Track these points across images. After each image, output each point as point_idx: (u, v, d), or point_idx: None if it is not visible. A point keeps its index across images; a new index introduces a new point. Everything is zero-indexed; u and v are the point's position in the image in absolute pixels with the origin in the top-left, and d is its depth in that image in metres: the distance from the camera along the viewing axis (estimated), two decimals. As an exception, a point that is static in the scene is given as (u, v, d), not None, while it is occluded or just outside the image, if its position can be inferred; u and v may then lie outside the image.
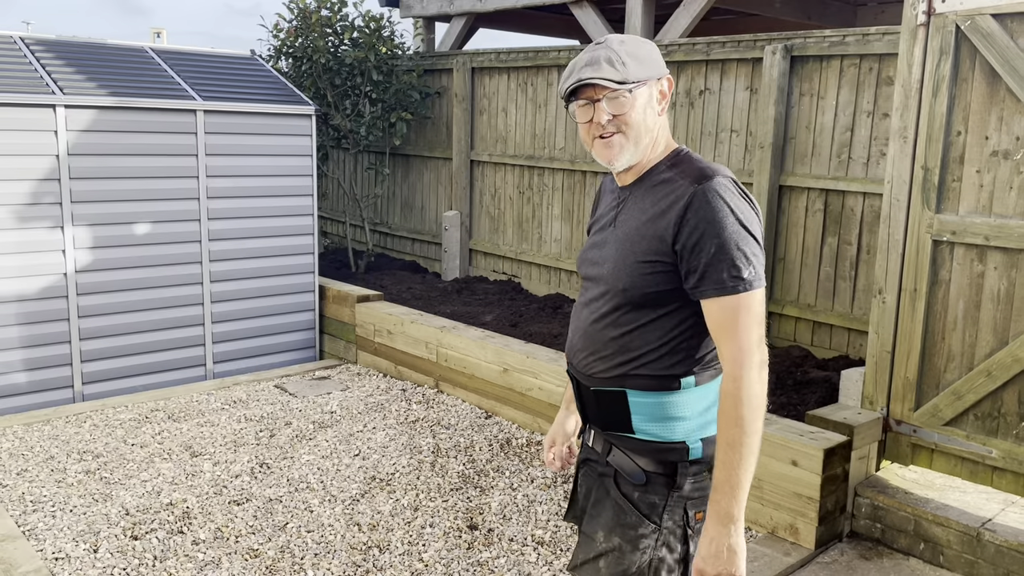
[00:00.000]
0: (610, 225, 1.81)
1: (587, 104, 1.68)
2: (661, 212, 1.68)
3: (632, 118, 1.67)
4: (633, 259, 1.71)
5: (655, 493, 1.75)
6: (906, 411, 3.69)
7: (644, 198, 1.74)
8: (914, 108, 3.56)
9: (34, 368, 4.84)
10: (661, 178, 1.73)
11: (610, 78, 1.64)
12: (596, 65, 1.65)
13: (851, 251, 4.80)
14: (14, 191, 4.65)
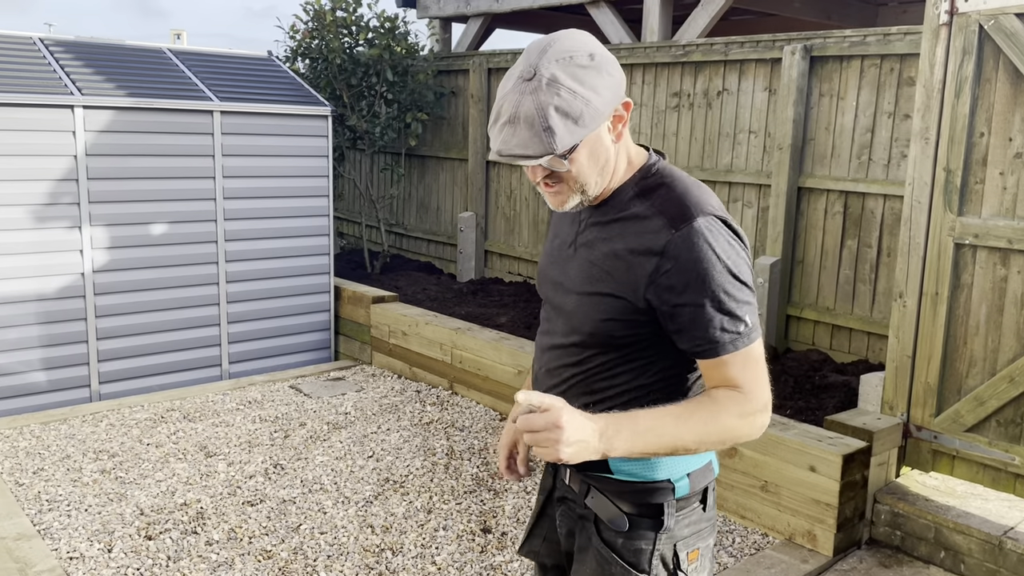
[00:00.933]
0: (570, 245, 1.60)
1: None
2: (632, 251, 1.44)
3: (572, 175, 1.42)
4: (602, 301, 1.48)
5: (640, 539, 1.54)
6: (927, 417, 3.64)
7: (609, 229, 1.51)
8: (936, 109, 3.51)
9: (51, 367, 4.87)
10: (631, 211, 1.48)
11: (532, 155, 1.36)
12: (517, 131, 1.35)
13: (871, 254, 4.74)
14: (33, 191, 4.68)
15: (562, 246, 1.63)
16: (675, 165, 5.62)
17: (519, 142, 1.35)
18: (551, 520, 1.78)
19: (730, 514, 3.66)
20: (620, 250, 1.46)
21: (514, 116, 1.35)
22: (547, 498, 1.79)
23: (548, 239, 1.74)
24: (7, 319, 4.69)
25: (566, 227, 1.64)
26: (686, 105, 5.60)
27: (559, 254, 1.63)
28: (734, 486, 3.63)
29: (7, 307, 4.68)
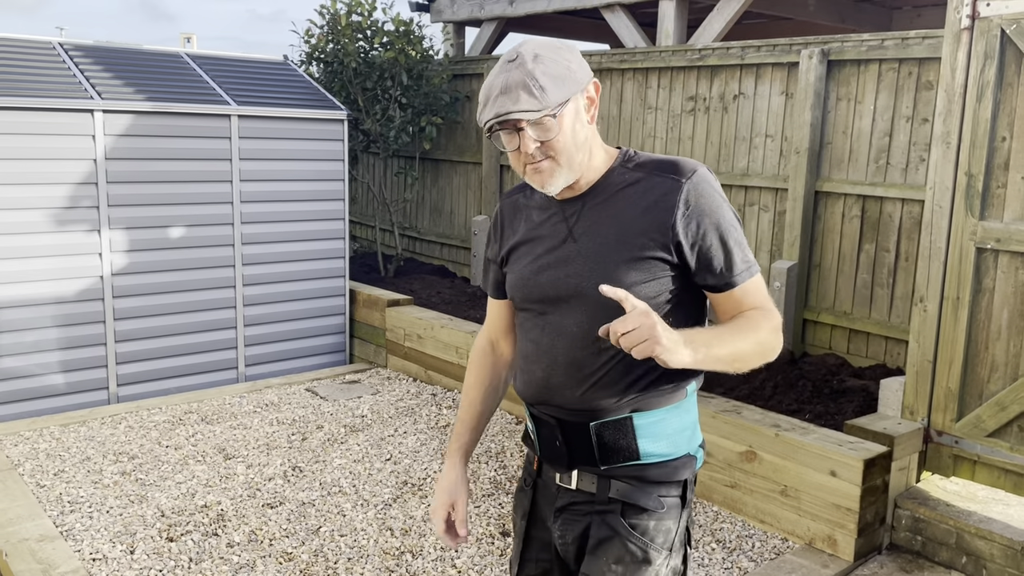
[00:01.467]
0: (564, 241, 1.64)
1: (511, 132, 1.54)
2: (646, 209, 1.57)
3: (560, 142, 1.54)
4: (627, 265, 1.56)
5: (669, 518, 1.64)
6: (948, 422, 3.62)
7: (611, 204, 1.61)
8: (957, 113, 3.50)
9: (70, 370, 4.90)
10: (627, 179, 1.61)
11: (529, 109, 1.50)
12: (511, 94, 1.50)
13: (889, 258, 4.73)
14: (53, 195, 4.71)
15: (551, 248, 1.65)
16: (691, 169, 5.63)
17: (514, 102, 1.50)
18: (539, 541, 1.78)
19: (749, 519, 3.65)
20: (636, 213, 1.58)
21: (506, 87, 1.51)
22: (529, 521, 1.79)
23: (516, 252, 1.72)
24: (26, 322, 4.72)
25: (546, 229, 1.67)
26: (702, 109, 5.60)
27: (549, 256, 1.65)
28: (754, 491, 3.62)
29: (27, 310, 4.72)
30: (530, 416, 1.75)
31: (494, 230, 1.82)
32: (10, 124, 4.55)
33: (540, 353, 1.67)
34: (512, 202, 1.80)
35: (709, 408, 3.80)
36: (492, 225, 1.84)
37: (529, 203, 1.75)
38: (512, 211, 1.78)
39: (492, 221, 1.85)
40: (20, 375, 4.75)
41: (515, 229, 1.75)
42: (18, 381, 4.75)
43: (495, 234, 1.82)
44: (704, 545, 3.47)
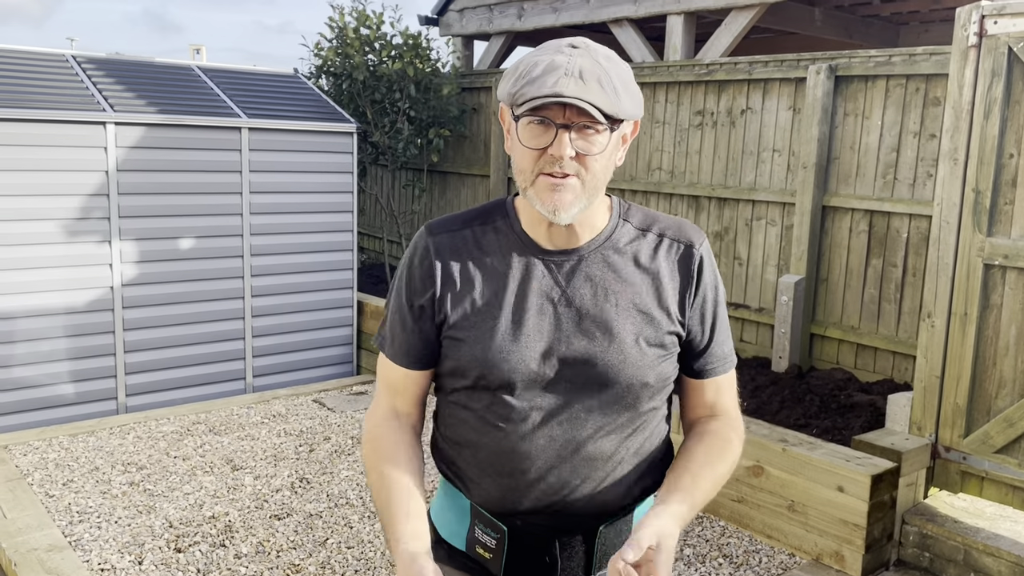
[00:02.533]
0: (555, 304, 1.34)
1: (547, 125, 1.24)
2: (660, 276, 1.37)
3: (599, 164, 1.27)
4: (644, 341, 1.34)
5: None
6: (955, 438, 3.62)
7: (620, 263, 1.37)
8: (965, 130, 3.51)
9: (80, 380, 4.93)
10: (632, 235, 1.39)
11: (601, 107, 1.22)
12: (584, 82, 1.21)
13: (896, 273, 4.73)
14: (64, 206, 4.75)
15: (536, 311, 1.34)
16: (698, 183, 5.66)
17: (584, 89, 1.21)
18: None
19: (756, 534, 3.65)
20: (649, 279, 1.37)
21: (573, 69, 1.22)
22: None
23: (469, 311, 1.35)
24: (37, 331, 4.75)
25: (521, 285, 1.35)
26: (709, 123, 5.62)
27: (535, 322, 1.33)
28: (760, 506, 3.62)
29: (37, 320, 4.75)
30: (487, 529, 1.39)
31: (419, 273, 1.37)
32: (23, 136, 4.59)
33: (530, 448, 1.33)
34: (451, 239, 1.38)
35: (716, 422, 3.80)
36: (414, 265, 1.39)
37: (481, 244, 1.38)
38: (452, 251, 1.37)
39: (414, 260, 1.39)
40: (30, 385, 4.77)
41: (462, 277, 1.36)
42: (28, 391, 4.77)
43: (423, 279, 1.37)
44: (711, 560, 3.47)
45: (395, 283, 1.44)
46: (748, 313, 5.42)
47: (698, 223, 5.73)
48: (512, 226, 1.39)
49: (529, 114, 1.24)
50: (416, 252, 1.40)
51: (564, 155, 1.24)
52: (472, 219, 1.41)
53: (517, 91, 1.24)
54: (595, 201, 1.32)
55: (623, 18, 6.42)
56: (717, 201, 5.60)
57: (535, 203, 1.29)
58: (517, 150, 1.29)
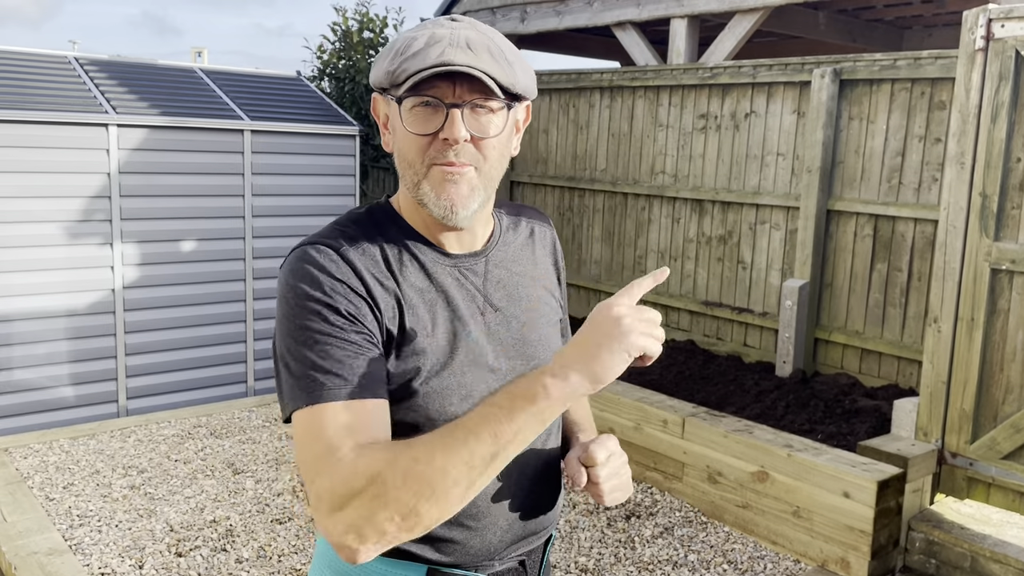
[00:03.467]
0: (483, 314, 1.21)
1: (435, 107, 1.08)
2: (541, 261, 1.34)
3: (496, 149, 1.13)
4: (554, 333, 1.31)
5: None
6: (962, 443, 3.59)
7: (514, 256, 1.29)
8: (972, 134, 3.49)
9: (80, 382, 4.90)
10: (507, 224, 1.32)
11: (497, 78, 1.08)
12: (473, 52, 1.07)
13: (901, 277, 4.71)
14: (66, 208, 4.74)
15: (461, 329, 1.18)
16: (702, 187, 5.64)
17: (483, 65, 1.08)
18: None
19: (761, 540, 3.62)
20: (538, 266, 1.33)
21: (456, 40, 1.08)
22: None
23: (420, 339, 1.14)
24: (38, 334, 4.73)
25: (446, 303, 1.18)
26: (713, 127, 5.60)
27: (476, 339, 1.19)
28: (765, 511, 3.59)
29: (38, 322, 4.73)
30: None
31: (342, 287, 1.09)
32: (26, 137, 4.58)
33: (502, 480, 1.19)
34: (354, 254, 1.12)
35: (720, 428, 3.78)
36: (331, 278, 1.09)
37: (387, 258, 1.16)
38: (364, 266, 1.12)
39: (327, 275, 1.09)
40: (31, 387, 4.75)
41: (385, 298, 1.13)
42: (29, 393, 4.75)
43: (350, 292, 1.09)
44: (715, 566, 3.44)
45: (293, 315, 1.08)
46: (752, 317, 5.40)
47: (701, 227, 5.71)
48: (411, 234, 1.19)
49: (413, 94, 1.08)
50: (324, 266, 1.09)
51: (459, 137, 1.08)
52: (366, 232, 1.16)
53: (396, 68, 1.08)
54: (490, 194, 1.17)
55: (626, 21, 6.41)
56: (721, 205, 5.58)
57: (428, 200, 1.12)
58: (401, 140, 1.12)
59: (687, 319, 5.86)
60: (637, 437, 4.17)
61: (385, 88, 1.13)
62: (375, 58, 1.16)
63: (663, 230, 5.97)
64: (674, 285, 5.91)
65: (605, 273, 6.46)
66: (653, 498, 4.00)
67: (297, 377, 1.07)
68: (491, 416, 0.98)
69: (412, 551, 1.18)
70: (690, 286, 5.81)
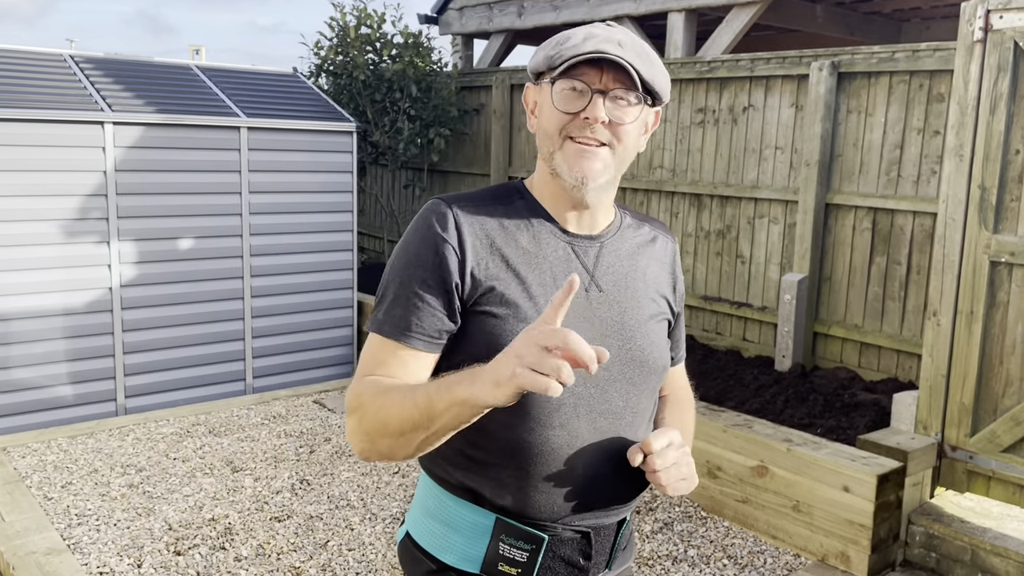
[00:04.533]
0: (586, 289, 1.30)
1: (582, 92, 1.22)
2: (660, 266, 1.43)
3: (630, 137, 1.26)
4: (659, 327, 1.39)
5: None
6: (962, 437, 3.59)
7: (633, 252, 1.39)
8: (970, 126, 3.48)
9: (79, 381, 4.89)
10: (632, 225, 1.42)
11: (641, 72, 1.22)
12: (622, 47, 1.22)
13: (900, 271, 4.70)
14: (63, 206, 4.72)
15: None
16: (700, 181, 5.63)
17: (632, 60, 1.22)
18: None
19: (761, 534, 3.62)
20: (655, 268, 1.42)
21: (610, 38, 1.23)
22: None
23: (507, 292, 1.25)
24: (35, 333, 4.72)
25: (554, 267, 1.29)
26: (711, 121, 5.59)
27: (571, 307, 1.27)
28: (765, 506, 3.59)
29: (35, 321, 4.72)
30: (517, 542, 1.29)
31: (440, 242, 1.24)
32: (21, 136, 4.56)
33: (577, 444, 1.27)
34: (473, 211, 1.28)
35: (719, 422, 3.77)
36: (434, 234, 1.25)
37: (504, 223, 1.29)
38: (477, 224, 1.27)
39: (433, 229, 1.26)
40: (28, 387, 4.74)
41: (492, 252, 1.26)
42: (26, 393, 4.74)
43: (446, 249, 1.24)
44: (715, 561, 3.43)
45: (401, 257, 1.28)
46: (751, 312, 5.39)
47: (700, 221, 5.70)
48: (534, 208, 1.32)
49: (565, 77, 1.22)
50: (433, 221, 1.26)
51: (599, 118, 1.22)
52: (488, 197, 1.32)
53: (555, 54, 1.24)
54: (617, 179, 1.30)
55: (624, 15, 6.39)
56: (719, 199, 5.57)
57: (561, 169, 1.25)
58: (546, 114, 1.26)
59: (686, 313, 5.86)
60: (636, 432, 4.15)
61: (541, 73, 1.28)
62: (536, 50, 1.31)
63: (661, 225, 5.95)
64: (673, 280, 5.90)
65: (604, 268, 6.44)
66: (652, 493, 4.00)
67: (377, 305, 1.31)
68: (430, 395, 1.13)
69: (484, 495, 1.30)
70: (689, 281, 5.79)
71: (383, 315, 1.28)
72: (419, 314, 1.24)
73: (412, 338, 1.25)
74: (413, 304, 1.25)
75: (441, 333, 1.26)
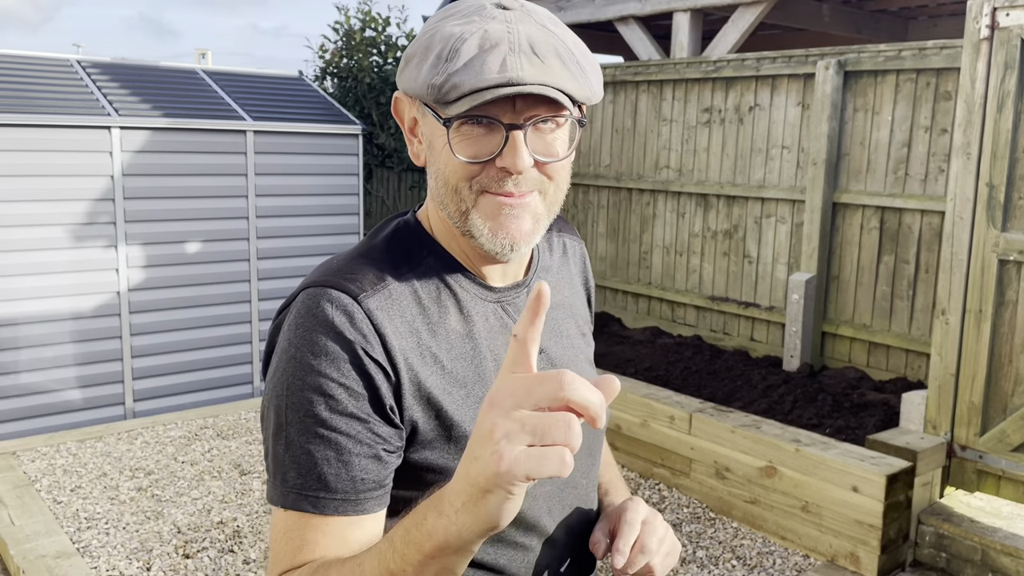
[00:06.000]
0: None
1: (490, 127, 0.88)
2: (575, 284, 1.17)
3: (562, 170, 0.93)
4: (595, 372, 1.14)
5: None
6: (971, 436, 3.57)
7: (558, 284, 1.12)
8: (978, 124, 3.46)
9: (87, 385, 4.91)
10: (550, 242, 1.14)
11: (573, 93, 0.88)
12: (539, 58, 0.86)
13: (908, 269, 4.68)
14: (70, 211, 4.74)
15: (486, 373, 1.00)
16: (706, 181, 5.61)
17: (550, 74, 0.85)
18: None
19: (770, 535, 3.60)
20: (576, 291, 1.17)
21: (517, 43, 0.86)
22: None
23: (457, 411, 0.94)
24: (44, 337, 4.74)
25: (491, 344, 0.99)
26: (717, 121, 5.57)
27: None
28: (774, 507, 3.57)
29: (44, 325, 4.74)
30: None
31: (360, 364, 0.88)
32: (29, 141, 4.58)
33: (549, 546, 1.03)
34: (386, 303, 0.92)
35: (727, 423, 3.76)
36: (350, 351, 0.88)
37: (423, 303, 0.95)
38: (395, 322, 0.92)
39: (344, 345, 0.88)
40: (38, 391, 4.76)
41: (423, 359, 0.93)
42: (35, 396, 4.76)
43: (373, 371, 0.88)
44: (724, 562, 3.42)
45: (294, 387, 0.88)
46: (758, 312, 5.38)
47: (707, 221, 5.69)
48: (449, 265, 0.99)
49: (466, 114, 0.86)
50: (338, 329, 0.88)
51: (522, 168, 0.87)
52: (394, 265, 0.96)
53: (444, 82, 0.85)
54: (555, 211, 0.97)
55: (629, 16, 6.38)
56: (726, 199, 5.56)
57: (480, 232, 0.91)
58: (444, 162, 0.90)
59: (693, 314, 5.84)
60: (644, 433, 4.15)
61: (424, 101, 0.90)
62: (406, 57, 0.89)
63: (668, 225, 5.94)
64: (680, 280, 5.89)
65: (611, 269, 6.44)
66: (660, 494, 3.99)
67: (282, 471, 0.89)
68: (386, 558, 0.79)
69: None
70: (696, 281, 5.78)
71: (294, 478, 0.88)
72: (361, 463, 0.88)
73: (366, 499, 0.89)
74: (347, 453, 0.87)
75: (386, 485, 0.91)
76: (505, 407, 0.68)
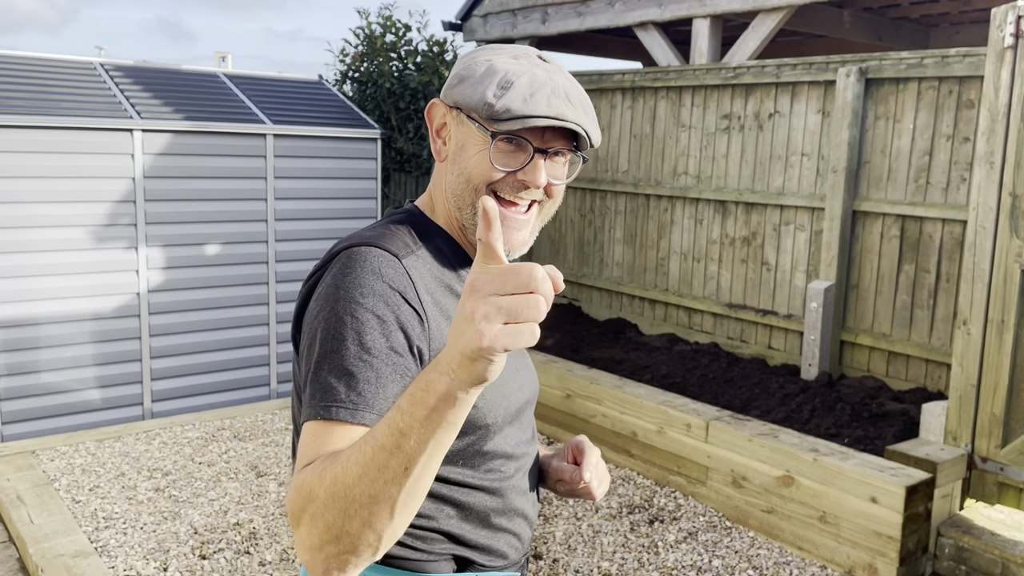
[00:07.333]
0: None
1: (520, 147, 1.13)
2: None
3: (561, 190, 1.20)
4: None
5: None
6: (992, 448, 3.53)
7: None
8: (1001, 133, 3.43)
9: (106, 385, 4.95)
10: None
11: (590, 134, 1.14)
12: (571, 104, 1.13)
13: (929, 279, 4.64)
14: (92, 212, 4.79)
15: None
16: (725, 188, 5.59)
17: (577, 114, 1.13)
18: None
19: (787, 545, 3.58)
20: None
21: (558, 89, 1.12)
22: None
23: None
24: (64, 337, 4.78)
25: None
26: (736, 127, 5.55)
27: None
28: (791, 516, 3.55)
29: (64, 326, 4.78)
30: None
31: (399, 299, 1.07)
32: (52, 143, 4.63)
33: (525, 489, 1.27)
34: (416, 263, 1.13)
35: (745, 432, 3.74)
36: (392, 299, 1.06)
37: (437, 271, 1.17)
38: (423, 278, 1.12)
39: (387, 284, 1.07)
40: (57, 390, 4.81)
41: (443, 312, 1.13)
42: (55, 396, 4.81)
43: (407, 308, 1.07)
44: (740, 572, 3.40)
45: (349, 320, 1.03)
46: (776, 320, 5.34)
47: (725, 228, 5.66)
48: (455, 249, 1.21)
49: (516, 136, 1.11)
50: (382, 272, 1.07)
51: (540, 184, 1.13)
52: (415, 240, 1.16)
53: (499, 105, 1.09)
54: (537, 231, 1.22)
55: (648, 22, 6.37)
56: (744, 206, 5.53)
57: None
58: (473, 162, 1.13)
59: (711, 321, 5.82)
60: (660, 441, 4.13)
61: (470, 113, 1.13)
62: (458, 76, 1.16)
63: (686, 231, 5.92)
64: (697, 287, 5.87)
65: (627, 275, 6.42)
66: (677, 502, 3.97)
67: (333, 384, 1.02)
68: (395, 423, 0.89)
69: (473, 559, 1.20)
70: (713, 288, 5.76)
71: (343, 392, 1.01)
72: (396, 387, 1.02)
73: (379, 415, 1.00)
74: (385, 376, 1.02)
75: None
76: (483, 292, 0.81)
